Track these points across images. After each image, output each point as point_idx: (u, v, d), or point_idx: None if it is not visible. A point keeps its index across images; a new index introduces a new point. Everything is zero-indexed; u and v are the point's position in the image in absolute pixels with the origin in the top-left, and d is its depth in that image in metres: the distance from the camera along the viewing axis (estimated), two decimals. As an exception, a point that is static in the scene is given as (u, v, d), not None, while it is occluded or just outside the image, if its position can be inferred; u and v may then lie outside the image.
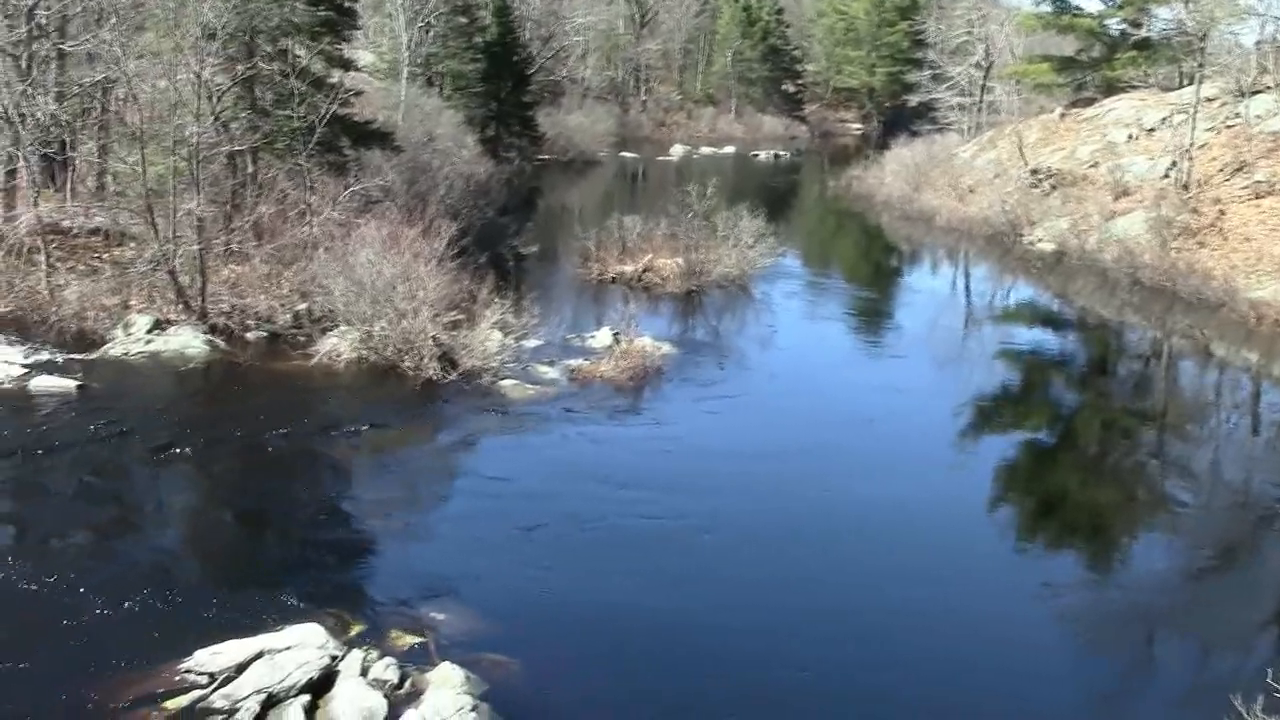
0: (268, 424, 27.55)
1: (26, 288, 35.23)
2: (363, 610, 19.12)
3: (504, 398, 30.36)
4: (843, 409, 31.74)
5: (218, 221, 37.07)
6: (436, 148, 53.47)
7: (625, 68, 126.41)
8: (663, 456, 27.50)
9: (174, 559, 21.33)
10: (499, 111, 77.76)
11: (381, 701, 16.10)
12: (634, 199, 76.99)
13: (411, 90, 61.77)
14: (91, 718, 15.65)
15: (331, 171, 41.43)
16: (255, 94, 40.44)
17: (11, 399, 28.30)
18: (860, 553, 22.54)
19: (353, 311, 32.43)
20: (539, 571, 20.96)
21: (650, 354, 33.73)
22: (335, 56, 43.70)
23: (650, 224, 48.65)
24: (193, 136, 34.58)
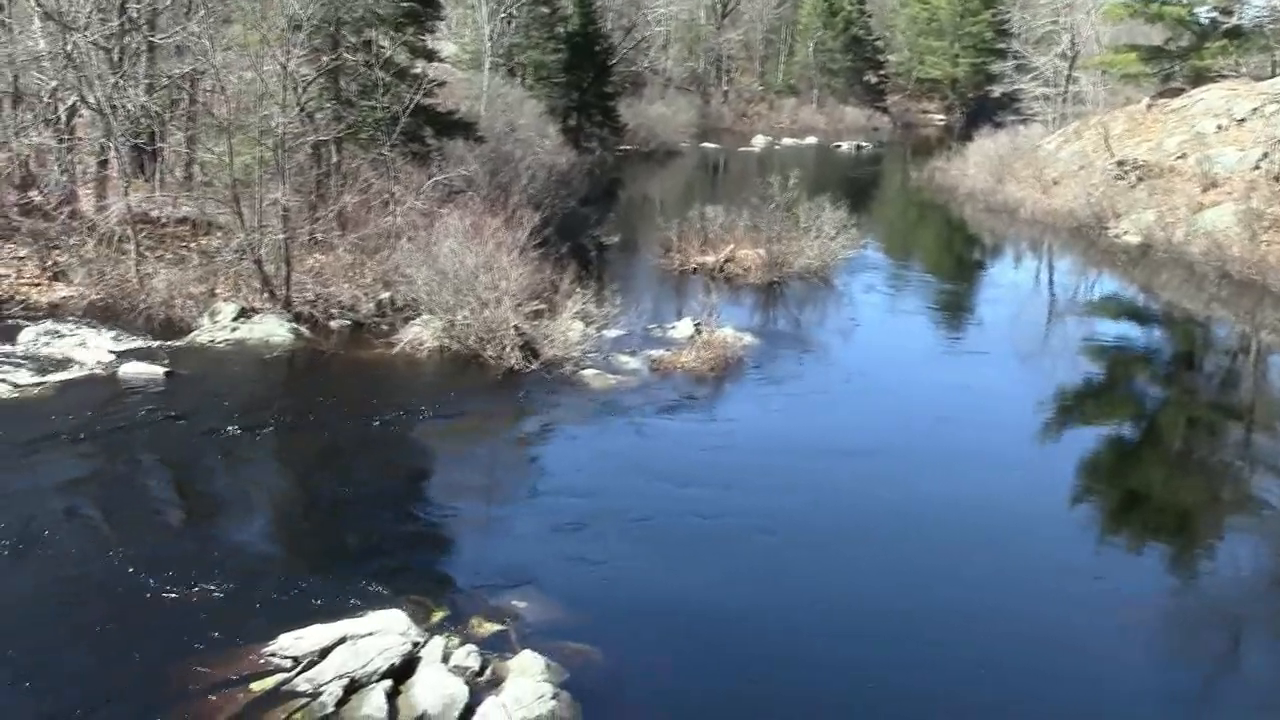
0: (351, 411, 27.79)
1: (116, 276, 35.80)
2: (444, 597, 19.17)
3: (585, 388, 30.37)
4: (923, 404, 31.16)
5: (302, 211, 37.44)
6: (518, 138, 53.59)
7: (707, 58, 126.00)
8: (743, 450, 27.26)
9: (259, 543, 21.53)
10: (581, 102, 77.85)
11: (462, 688, 16.15)
12: (715, 190, 76.64)
13: (494, 80, 61.95)
14: (179, 699, 15.79)
15: (415, 161, 41.68)
16: (340, 85, 40.78)
17: (102, 385, 28.78)
18: (939, 554, 22.03)
19: (435, 300, 32.59)
20: (619, 562, 20.94)
21: (731, 345, 33.59)
22: (419, 47, 43.93)
23: (732, 215, 48.44)
24: (278, 127, 34.94)
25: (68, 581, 19.12)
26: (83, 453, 24.99)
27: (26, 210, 38.63)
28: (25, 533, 20.69)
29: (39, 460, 24.40)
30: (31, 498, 22.50)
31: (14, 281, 35.99)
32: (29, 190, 39.60)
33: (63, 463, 24.43)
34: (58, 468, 24.17)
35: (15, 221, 37.94)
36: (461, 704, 15.90)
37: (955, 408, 31.11)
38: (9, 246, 37.37)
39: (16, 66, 38.98)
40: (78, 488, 23.54)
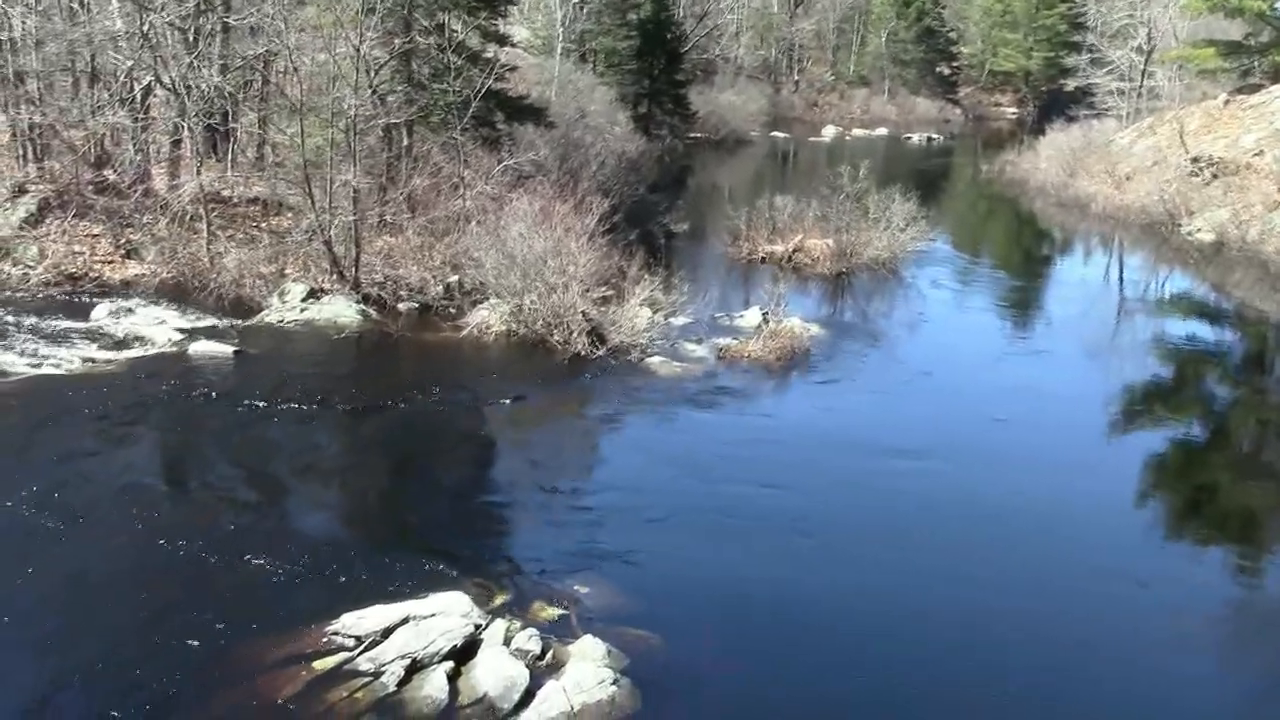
0: (417, 393, 27.86)
1: (188, 255, 36.14)
2: (506, 580, 19.16)
3: (651, 374, 30.31)
4: (991, 403, 30.79)
5: (372, 193, 37.61)
6: (589, 124, 53.64)
7: (778, 47, 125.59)
8: (808, 443, 27.12)
9: (323, 522, 21.70)
10: (651, 89, 77.72)
11: (523, 671, 16.13)
12: (784, 179, 76.35)
13: (565, 66, 62.07)
14: (243, 675, 15.88)
15: (485, 145, 41.72)
16: (412, 68, 40.90)
17: (172, 362, 29.05)
18: (1000, 556, 21.59)
19: (503, 285, 32.61)
20: (681, 549, 20.84)
21: (799, 335, 33.39)
22: (491, 31, 44.00)
23: (801, 205, 48.20)
24: (350, 109, 35.07)
25: (134, 556, 19.30)
26: (152, 429, 25.27)
27: (101, 188, 39.07)
28: (94, 506, 20.95)
29: (109, 435, 24.69)
30: (101, 472, 22.78)
31: (88, 258, 36.40)
32: (104, 169, 40.06)
33: (132, 438, 24.72)
34: (127, 443, 24.46)
35: (90, 199, 38.36)
36: (522, 687, 15.89)
37: (1023, 407, 30.61)
38: (84, 224, 37.74)
39: (94, 46, 39.38)
40: (146, 463, 23.81)
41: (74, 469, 22.72)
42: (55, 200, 38.14)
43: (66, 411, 25.57)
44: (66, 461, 23.08)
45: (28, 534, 19.83)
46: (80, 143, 39.77)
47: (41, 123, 39.34)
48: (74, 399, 26.22)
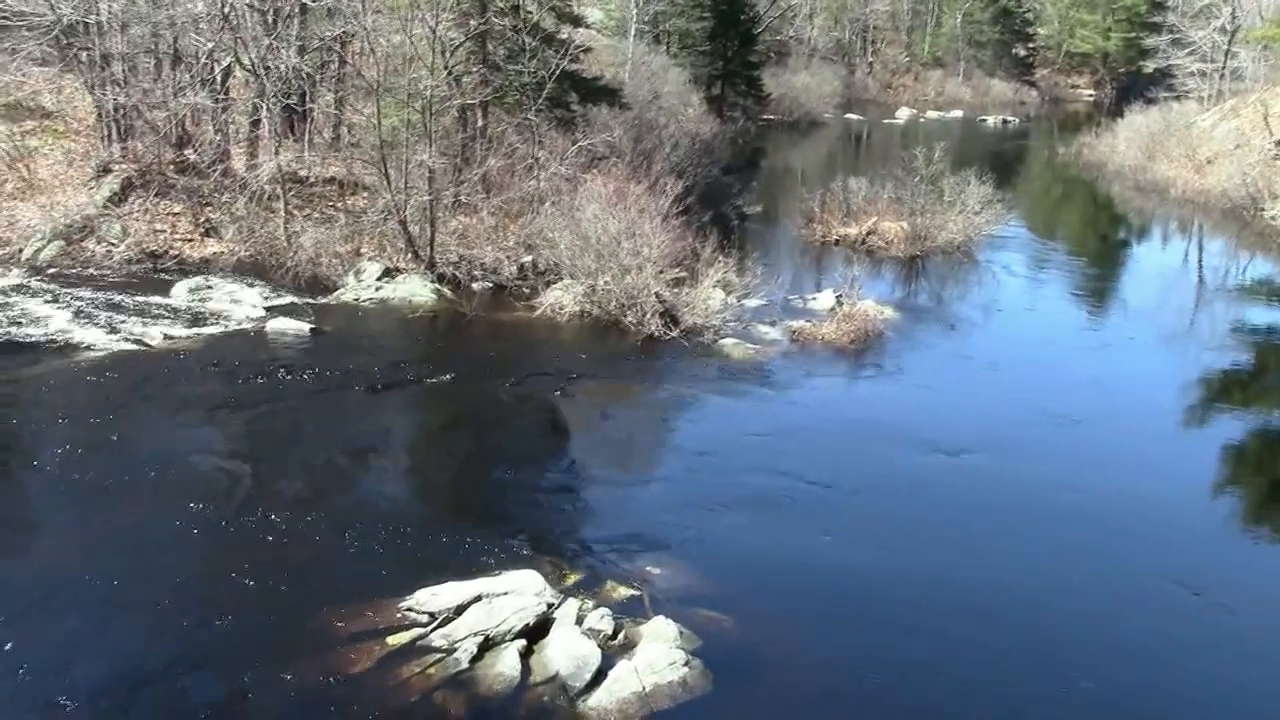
0: (491, 372, 28.08)
1: (266, 234, 36.61)
2: (579, 560, 19.30)
3: (724, 356, 30.33)
4: (1066, 390, 30.27)
5: (447, 174, 37.84)
6: (662, 105, 53.52)
7: (852, 28, 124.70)
8: (880, 424, 27.05)
9: (398, 499, 21.87)
10: (725, 70, 77.47)
11: (595, 651, 16.24)
12: (858, 161, 75.84)
13: (638, 48, 61.93)
14: (318, 648, 16.12)
15: (559, 127, 41.84)
16: (487, 49, 41.03)
17: (250, 339, 29.47)
18: (1079, 550, 21.26)
19: (577, 265, 32.77)
20: (753, 531, 20.89)
21: (872, 318, 33.25)
22: (565, 12, 44.04)
23: (875, 187, 47.99)
24: (426, 90, 35.30)
25: (212, 528, 19.61)
26: (230, 404, 25.57)
27: (182, 168, 39.59)
28: (171, 478, 21.32)
29: (188, 410, 25.06)
30: (179, 445, 23.13)
31: (169, 236, 36.94)
32: (185, 149, 40.56)
33: (210, 413, 25.05)
34: (205, 418, 24.79)
35: (171, 179, 38.91)
36: (593, 666, 16.00)
37: (1099, 398, 30.06)
38: (165, 203, 38.28)
39: (176, 28, 39.84)
40: (224, 438, 24.13)
41: (153, 442, 23.13)
42: (138, 180, 38.72)
43: (147, 386, 26.07)
44: (146, 435, 23.54)
45: (109, 504, 20.29)
46: (162, 123, 40.26)
47: (126, 104, 39.88)
48: (154, 374, 26.71)
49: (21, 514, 20.42)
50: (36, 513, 20.49)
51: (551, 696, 15.55)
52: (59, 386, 26.07)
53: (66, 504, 20.62)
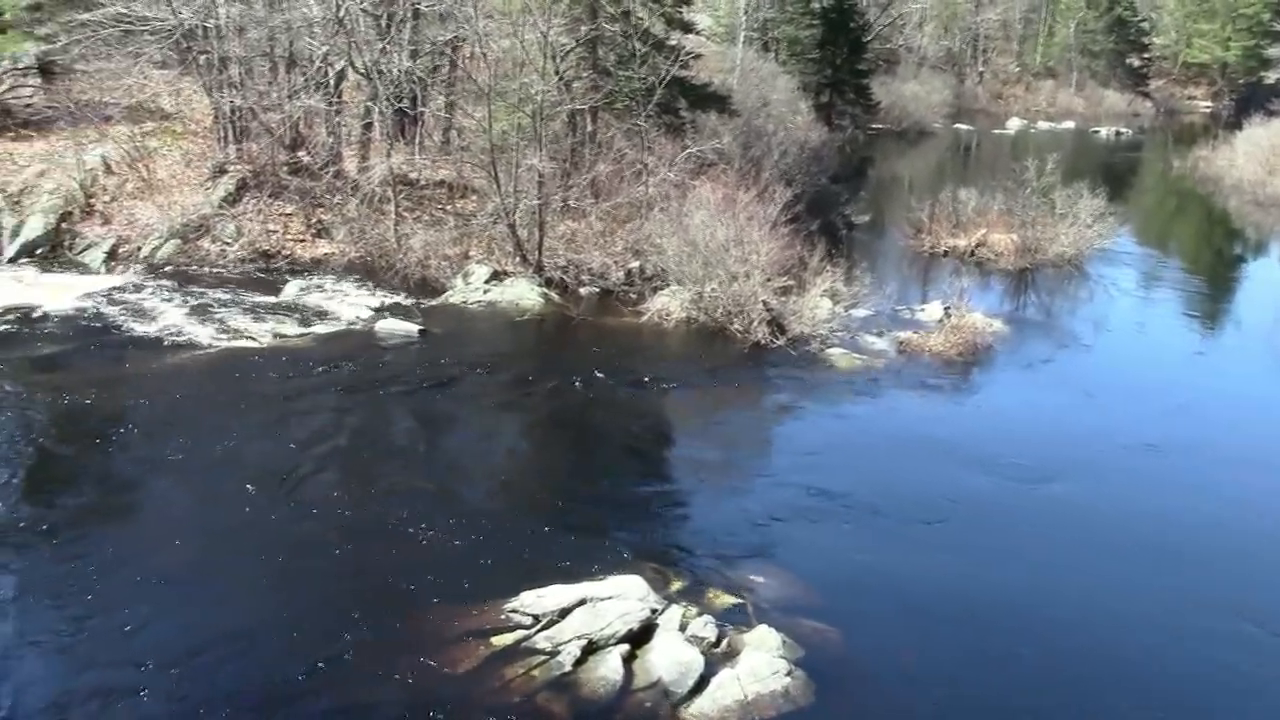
0: (597, 376, 28.08)
1: (376, 235, 37.03)
2: (682, 566, 19.24)
3: (831, 366, 30.11)
4: (1175, 413, 29.43)
5: (556, 178, 37.97)
6: (771, 113, 53.30)
7: (963, 37, 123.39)
8: (987, 438, 26.73)
9: (503, 501, 21.99)
10: (833, 78, 76.93)
11: (698, 658, 16.19)
12: (966, 172, 74.98)
13: (747, 54, 61.80)
14: (423, 647, 16.23)
15: (668, 132, 41.83)
16: (598, 54, 41.15)
17: (359, 339, 29.83)
18: (1194, 568, 21.00)
19: (684, 272, 32.74)
20: (859, 543, 20.72)
21: (981, 331, 32.82)
22: (675, 19, 43.96)
23: (985, 198, 47.42)
24: (537, 94, 35.43)
25: (319, 525, 19.87)
26: (338, 403, 25.93)
27: (295, 170, 40.16)
28: (280, 476, 21.63)
29: (298, 407, 25.45)
30: (287, 442, 23.51)
31: (281, 237, 37.52)
32: (298, 151, 41.12)
33: (319, 411, 25.43)
34: (314, 415, 25.18)
35: (285, 180, 39.50)
36: (696, 673, 15.95)
37: (1209, 421, 29.26)
38: (278, 204, 38.88)
39: (292, 32, 40.38)
40: (332, 436, 24.45)
41: (262, 438, 23.54)
42: (252, 180, 39.37)
43: (257, 383, 26.49)
44: (256, 431, 23.94)
45: (219, 499, 20.65)
46: (277, 125, 40.86)
47: (242, 106, 40.56)
48: (264, 371, 27.12)
49: (137, 505, 20.89)
50: (150, 504, 20.93)
51: (654, 702, 15.51)
52: (173, 381, 26.59)
53: (179, 496, 21.07)
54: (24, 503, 20.28)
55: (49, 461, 22.28)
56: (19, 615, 16.74)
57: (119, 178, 39.80)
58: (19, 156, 40.77)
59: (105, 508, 20.35)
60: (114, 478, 21.87)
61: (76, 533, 19.23)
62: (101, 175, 39.75)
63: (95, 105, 42.27)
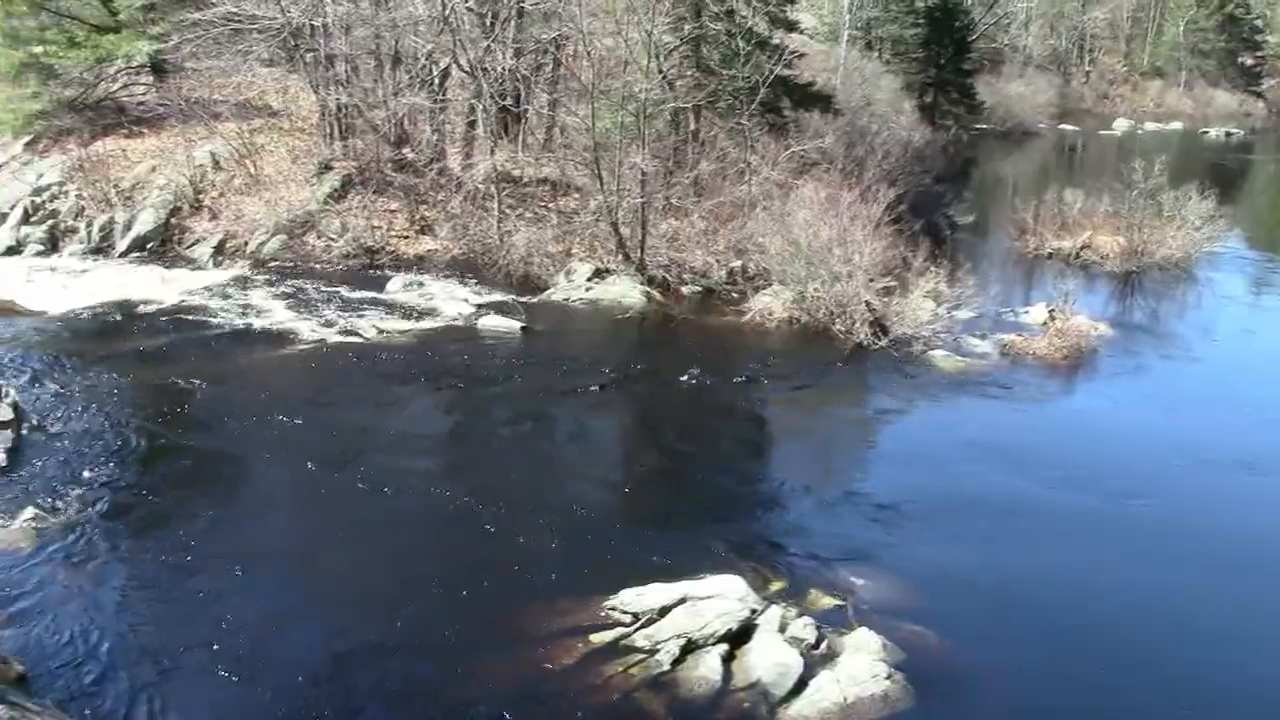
0: (699, 375, 28.00)
1: (479, 232, 37.36)
2: (782, 566, 19.11)
3: (933, 368, 29.80)
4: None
5: (659, 176, 37.97)
6: (874, 112, 52.98)
7: (1069, 36, 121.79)
8: (1092, 442, 26.13)
9: (602, 498, 21.98)
10: (937, 78, 76.26)
11: (797, 659, 16.04)
12: (1072, 173, 74.02)
13: (851, 54, 61.50)
14: (522, 642, 16.27)
15: (771, 132, 41.71)
16: (701, 53, 41.10)
17: (461, 335, 30.08)
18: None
19: (787, 271, 32.61)
20: (960, 547, 20.39)
21: (1085, 334, 32.30)
22: (779, 17, 43.79)
23: (1090, 200, 46.77)
24: (641, 93, 35.46)
25: (419, 518, 20.11)
26: (441, 399, 26.16)
27: (400, 166, 40.59)
28: (382, 469, 21.82)
29: (400, 403, 25.71)
30: (390, 437, 23.75)
31: (385, 233, 37.94)
32: (403, 148, 41.53)
33: (421, 406, 25.69)
34: (417, 411, 25.43)
35: (389, 177, 39.96)
36: (795, 675, 15.79)
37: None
38: (382, 200, 39.35)
39: (397, 31, 40.77)
40: (434, 431, 24.71)
41: (364, 432, 23.80)
42: (357, 177, 39.88)
43: (359, 377, 26.86)
44: (358, 425, 24.21)
45: (321, 491, 20.96)
46: (382, 122, 41.32)
47: (347, 103, 41.05)
48: (367, 366, 27.49)
49: (240, 495, 21.21)
50: (252, 495, 21.26)
51: (752, 703, 15.40)
52: (277, 375, 27.05)
53: (281, 487, 21.41)
54: (132, 490, 20.69)
55: (157, 451, 22.66)
56: (124, 596, 17.11)
57: (227, 174, 40.51)
58: (131, 153, 41.68)
59: (209, 496, 20.67)
60: (219, 468, 22.20)
61: (181, 520, 19.60)
62: (210, 171, 40.50)
63: (205, 103, 43.09)
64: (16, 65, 42.41)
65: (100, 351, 28.11)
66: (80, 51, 42.16)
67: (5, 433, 21.95)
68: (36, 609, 16.56)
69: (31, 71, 42.46)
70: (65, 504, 19.73)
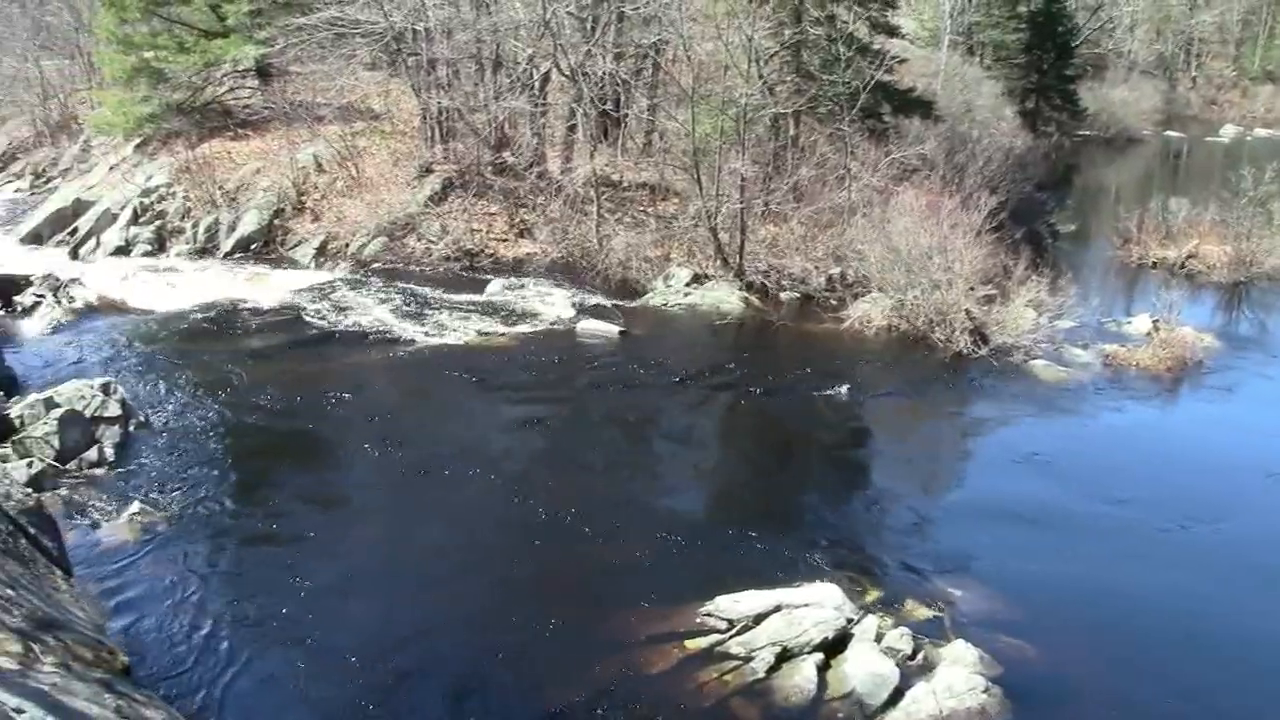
0: (797, 382, 27.97)
1: (578, 236, 37.53)
2: (879, 576, 18.98)
3: (1033, 377, 29.47)
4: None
5: (758, 182, 37.89)
6: (975, 118, 52.54)
7: (1176, 40, 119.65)
8: (1197, 457, 25.74)
9: (699, 504, 22.04)
10: (1039, 83, 75.43)
11: (893, 670, 15.95)
12: (1177, 181, 72.79)
13: (952, 59, 61.01)
14: (616, 646, 16.33)
15: (871, 138, 41.50)
16: (801, 58, 41.00)
17: (560, 339, 30.25)
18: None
19: (886, 279, 32.47)
20: (1058, 558, 20.12)
21: (1191, 345, 31.72)
22: (880, 22, 43.60)
23: (1197, 208, 46.00)
24: (741, 97, 35.43)
25: (517, 520, 20.15)
26: (538, 402, 26.31)
27: (500, 170, 40.89)
28: (480, 472, 22.00)
29: (499, 406, 25.91)
30: (489, 440, 23.91)
31: (484, 236, 38.24)
32: (503, 151, 41.79)
33: (521, 411, 25.79)
34: (516, 414, 25.56)
35: (489, 180, 40.27)
36: (891, 685, 15.71)
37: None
38: (482, 203, 39.66)
39: (498, 35, 41.09)
40: (532, 434, 24.76)
41: (463, 434, 24.02)
42: (458, 180, 40.24)
43: (459, 380, 27.11)
44: (457, 427, 24.48)
45: (420, 492, 21.21)
46: (482, 126, 41.64)
47: (449, 107, 41.43)
48: (466, 369, 27.72)
49: (340, 494, 21.48)
50: (352, 494, 21.53)
51: (847, 713, 15.31)
52: (377, 376, 27.38)
53: (380, 487, 21.65)
54: (235, 488, 21.10)
55: (259, 450, 23.13)
56: (225, 591, 17.41)
57: (329, 176, 41.08)
58: (237, 155, 42.43)
59: (309, 496, 20.99)
60: (319, 468, 22.63)
61: (281, 517, 20.00)
62: (313, 173, 41.10)
63: (308, 106, 43.79)
64: (128, 70, 43.45)
65: (205, 350, 28.65)
66: (189, 56, 43.08)
67: (113, 429, 22.40)
68: (141, 602, 16.93)
69: (142, 76, 43.49)
70: (170, 499, 20.18)
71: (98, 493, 20.35)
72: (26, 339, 29.69)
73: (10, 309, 31.45)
